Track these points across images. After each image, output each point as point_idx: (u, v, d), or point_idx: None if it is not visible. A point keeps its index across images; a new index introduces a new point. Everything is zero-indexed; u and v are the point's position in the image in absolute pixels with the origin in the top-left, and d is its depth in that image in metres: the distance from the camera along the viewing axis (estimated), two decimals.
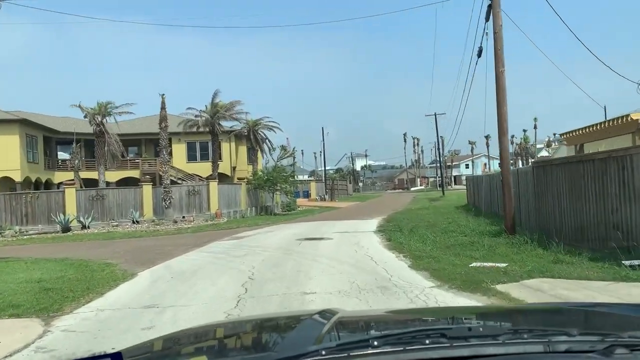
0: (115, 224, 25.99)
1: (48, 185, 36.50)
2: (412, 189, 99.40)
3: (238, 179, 35.30)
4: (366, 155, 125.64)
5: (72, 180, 27.54)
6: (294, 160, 36.40)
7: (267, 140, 42.38)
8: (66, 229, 24.73)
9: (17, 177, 32.35)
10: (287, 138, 38.03)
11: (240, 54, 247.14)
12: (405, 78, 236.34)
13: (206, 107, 33.79)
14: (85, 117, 28.10)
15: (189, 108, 34.01)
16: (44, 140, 37.02)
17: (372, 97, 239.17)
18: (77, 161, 30.51)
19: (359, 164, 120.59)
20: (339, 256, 12.08)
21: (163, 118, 26.66)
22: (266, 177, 35.14)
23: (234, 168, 44.59)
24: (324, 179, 61.57)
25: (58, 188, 32.10)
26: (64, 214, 25.60)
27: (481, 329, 1.59)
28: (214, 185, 30.84)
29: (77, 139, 32.01)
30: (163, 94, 26.78)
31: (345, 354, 1.32)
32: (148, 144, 45.50)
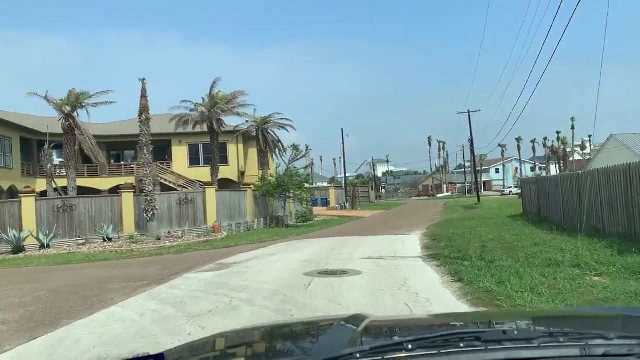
0: (81, 241, 20.62)
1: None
2: (439, 195, 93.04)
3: (243, 185, 29.77)
4: (388, 161, 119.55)
5: (31, 189, 22.28)
6: (311, 163, 30.39)
7: (279, 143, 36.81)
8: (18, 249, 19.42)
9: None
10: (306, 146, 31.71)
11: (258, 63, 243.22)
12: (427, 84, 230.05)
13: (203, 100, 28.34)
14: (54, 109, 22.90)
15: (183, 101, 28.62)
16: (23, 142, 32.01)
17: (392, 104, 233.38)
18: (49, 165, 25.24)
19: (380, 170, 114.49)
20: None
21: (143, 109, 21.27)
22: (276, 183, 29.53)
23: (243, 173, 39.13)
24: (344, 185, 55.76)
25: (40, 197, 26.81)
26: (20, 229, 20.33)
27: (516, 332, 1.52)
28: (211, 192, 25.34)
29: (53, 140, 26.79)
30: (144, 79, 21.42)
31: (380, 357, 1.32)
32: (128, 149, 40.42)
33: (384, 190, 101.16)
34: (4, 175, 29.59)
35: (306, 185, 31.46)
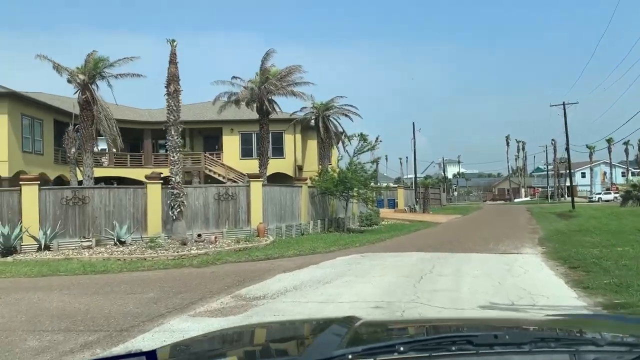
0: (87, 243, 16.28)
1: (60, 184, 27.89)
2: (516, 200, 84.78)
3: (297, 180, 24.83)
4: (459, 162, 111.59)
5: (35, 175, 18.22)
6: (379, 158, 24.82)
7: (343, 133, 31.52)
8: (8, 250, 15.35)
9: (3, 172, 23.89)
10: (377, 137, 26.01)
11: (324, 64, 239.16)
12: (504, 83, 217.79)
13: (256, 75, 23.50)
14: (68, 81, 18.88)
15: (234, 77, 23.85)
16: (57, 126, 28.57)
17: (464, 103, 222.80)
18: (72, 150, 21.31)
19: (449, 172, 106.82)
20: None
21: (172, 78, 16.69)
22: (338, 178, 24.35)
23: (300, 167, 34.29)
24: (413, 185, 49.78)
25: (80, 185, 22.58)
26: (19, 223, 16.31)
27: (507, 337, 1.50)
28: (257, 186, 20.53)
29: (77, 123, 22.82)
30: (173, 40, 16.84)
31: (372, 359, 1.33)
32: (196, 136, 36.41)
33: (455, 193, 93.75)
34: (33, 161, 26.18)
35: (372, 182, 26.06)
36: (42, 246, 15.82)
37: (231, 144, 34.25)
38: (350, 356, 1.33)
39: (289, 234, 21.75)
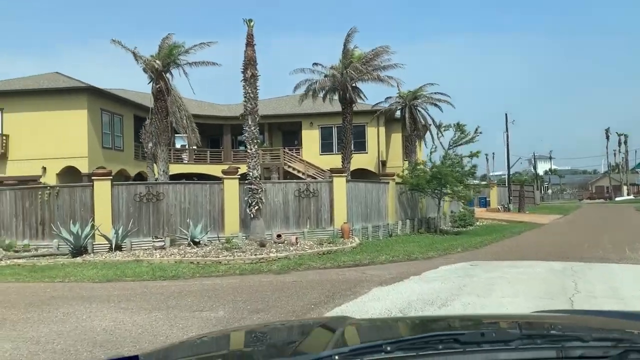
0: (159, 243, 14.97)
1: (140, 180, 27.42)
2: (617, 198, 77.25)
3: (383, 175, 22.56)
4: (551, 158, 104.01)
5: (106, 170, 17.18)
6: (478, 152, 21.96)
7: (433, 124, 28.76)
8: (78, 250, 14.33)
9: (83, 168, 23.56)
10: (477, 128, 22.89)
11: (416, 58, 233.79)
12: (602, 75, 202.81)
13: (338, 62, 21.43)
14: (144, 71, 17.76)
15: (315, 64, 21.94)
16: (137, 122, 28.11)
17: (556, 97, 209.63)
18: (150, 144, 20.36)
19: (539, 168, 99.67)
20: None
21: (249, 62, 15.03)
22: (431, 173, 21.84)
23: (384, 163, 32.00)
24: (507, 183, 45.80)
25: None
26: (91, 221, 15.34)
27: (494, 335, 1.56)
28: (340, 182, 18.53)
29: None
30: (250, 20, 15.18)
31: (359, 359, 1.33)
32: (274, 131, 35.08)
33: (550, 191, 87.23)
34: (113, 157, 25.82)
35: (470, 179, 23.22)
36: (113, 246, 14.70)
37: (310, 138, 32.58)
38: (337, 357, 1.32)
39: (375, 235, 19.59)
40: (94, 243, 15.07)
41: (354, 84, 21.35)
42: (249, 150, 15.68)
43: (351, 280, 10.19)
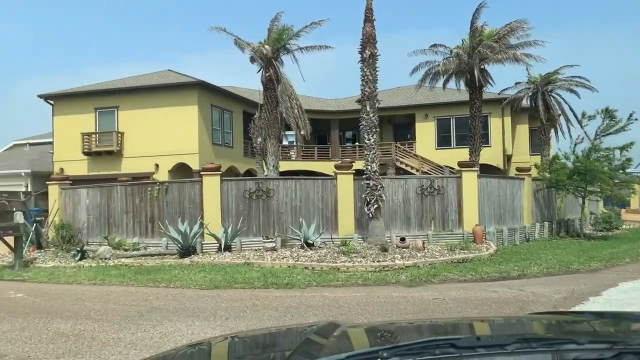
0: (270, 244, 13.53)
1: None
2: None
3: (518, 170, 19.62)
4: None
5: (215, 164, 16.04)
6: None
7: (562, 114, 25.03)
8: (186, 250, 13.32)
9: (194, 164, 23.12)
10: (630, 114, 19.17)
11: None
12: None
13: (462, 42, 18.90)
14: (251, 60, 16.43)
15: (433, 45, 19.54)
16: (246, 118, 27.45)
17: None
18: (259, 139, 19.26)
19: None
20: None
21: (368, 39, 13.13)
22: (573, 168, 18.60)
23: (509, 158, 28.70)
24: None
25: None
26: (199, 219, 14.36)
27: (490, 339, 1.52)
28: (471, 178, 16.08)
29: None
30: None
31: None
32: (385, 125, 32.93)
33: None
34: (223, 154, 25.28)
35: (621, 172, 19.53)
36: (223, 246, 13.54)
37: (425, 131, 30.03)
38: None
39: (511, 239, 16.87)
40: (202, 242, 14.04)
41: (482, 66, 18.65)
42: (366, 141, 13.80)
43: (510, 301, 7.92)
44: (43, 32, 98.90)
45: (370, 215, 13.65)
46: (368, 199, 13.69)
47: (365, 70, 13.37)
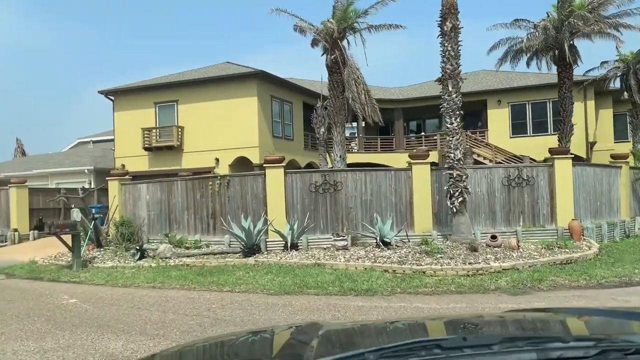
0: (342, 242, 12.22)
1: None
2: None
3: (612, 158, 17.40)
4: None
5: (279, 156, 14.89)
6: None
7: None
8: (250, 248, 12.24)
9: (255, 158, 22.20)
10: None
11: None
12: None
13: (548, 15, 16.86)
14: (313, 44, 15.19)
15: (515, 20, 17.56)
16: (307, 110, 26.35)
17: None
18: (322, 130, 18.08)
19: None
20: None
21: (448, 10, 11.55)
22: None
23: (592, 145, 26.13)
24: None
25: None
26: (263, 215, 13.28)
27: (476, 339, 1.54)
28: (564, 166, 14.16)
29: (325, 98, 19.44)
30: None
31: None
32: (430, 117, 30.96)
33: None
34: (283, 147, 24.24)
35: None
36: (289, 244, 12.38)
37: (498, 119, 27.86)
38: None
39: (610, 235, 14.82)
40: (267, 240, 12.95)
41: (571, 41, 16.55)
42: (449, 125, 12.22)
43: None
44: (107, 35, 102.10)
45: (455, 210, 12.08)
46: (452, 191, 12.13)
47: (446, 45, 11.78)
